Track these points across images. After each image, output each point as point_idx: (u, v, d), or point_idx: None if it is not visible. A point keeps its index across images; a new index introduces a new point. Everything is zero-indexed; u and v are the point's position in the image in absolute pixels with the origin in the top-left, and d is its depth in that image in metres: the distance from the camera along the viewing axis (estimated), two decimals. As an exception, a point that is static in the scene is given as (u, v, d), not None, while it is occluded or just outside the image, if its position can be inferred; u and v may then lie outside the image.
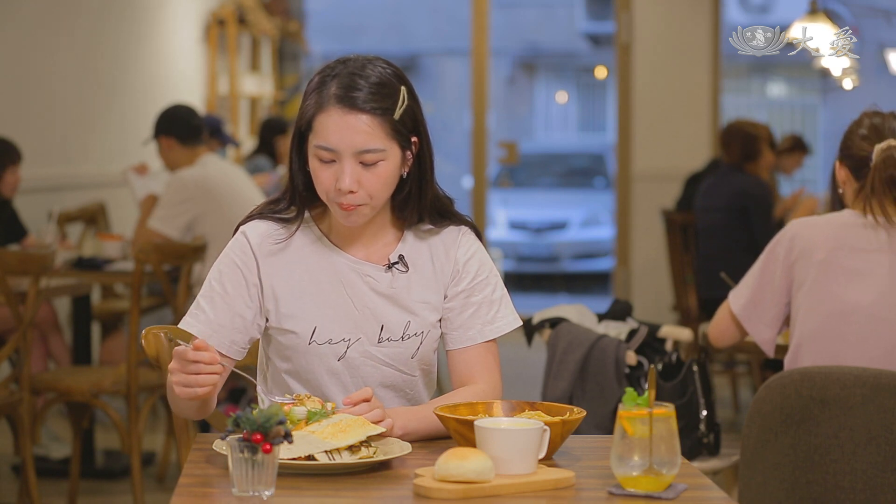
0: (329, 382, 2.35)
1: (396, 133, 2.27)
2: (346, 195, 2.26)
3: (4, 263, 4.10)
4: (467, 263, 2.40)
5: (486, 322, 2.39)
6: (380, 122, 2.25)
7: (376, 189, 2.27)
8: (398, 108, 2.27)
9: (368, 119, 2.25)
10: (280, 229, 2.36)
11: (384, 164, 2.27)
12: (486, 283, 2.41)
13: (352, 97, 2.24)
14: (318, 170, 2.28)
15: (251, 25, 9.22)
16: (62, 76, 6.74)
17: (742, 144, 6.09)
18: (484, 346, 2.38)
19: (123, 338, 6.03)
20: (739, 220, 5.95)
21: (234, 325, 2.33)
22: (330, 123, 2.25)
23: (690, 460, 3.06)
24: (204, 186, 5.32)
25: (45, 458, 5.22)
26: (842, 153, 3.03)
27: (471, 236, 2.43)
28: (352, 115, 2.24)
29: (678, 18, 8.88)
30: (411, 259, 2.36)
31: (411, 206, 2.36)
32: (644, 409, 1.90)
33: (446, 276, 2.39)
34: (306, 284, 2.35)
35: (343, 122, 2.24)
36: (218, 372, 2.10)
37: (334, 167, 2.26)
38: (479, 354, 2.38)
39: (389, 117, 2.26)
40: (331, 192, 2.27)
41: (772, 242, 3.06)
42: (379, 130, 2.25)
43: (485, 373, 2.38)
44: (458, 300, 2.38)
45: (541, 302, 8.11)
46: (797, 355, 2.95)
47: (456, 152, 16.03)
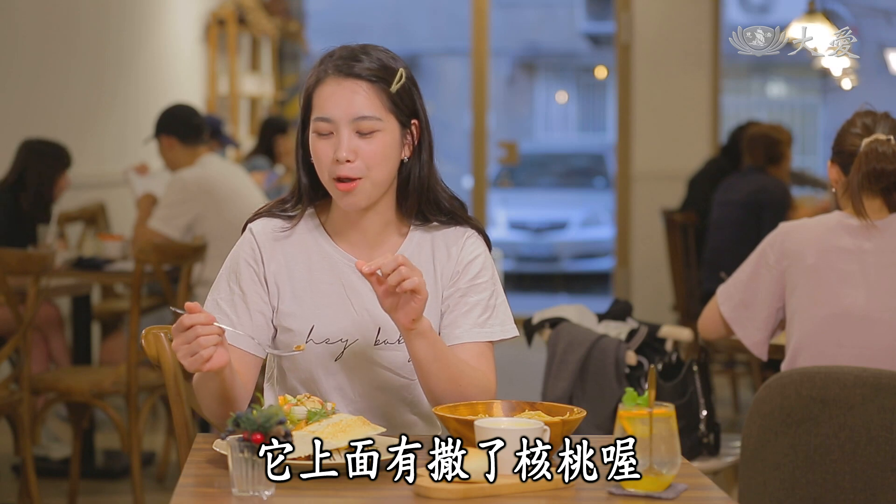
0: (325, 382, 2.34)
1: (394, 106, 2.28)
2: (343, 165, 2.24)
3: (4, 263, 4.10)
4: (469, 264, 2.37)
5: (476, 323, 2.34)
6: (377, 91, 2.27)
7: (374, 160, 2.26)
8: (395, 83, 2.28)
9: (366, 85, 2.26)
10: (285, 225, 2.37)
11: (381, 136, 2.27)
12: (484, 286, 2.37)
13: (350, 65, 2.27)
14: (317, 148, 2.28)
15: (251, 25, 9.22)
16: (62, 76, 6.74)
17: (766, 148, 6.24)
18: (474, 347, 2.33)
19: (123, 338, 6.02)
20: (753, 216, 6.04)
21: (256, 323, 2.33)
22: (327, 92, 2.27)
23: (690, 460, 3.06)
24: (204, 187, 5.32)
25: (45, 458, 5.22)
26: (833, 151, 3.02)
27: (477, 240, 2.40)
28: (349, 81, 2.26)
29: (678, 18, 8.88)
30: (414, 261, 2.32)
31: (412, 195, 2.35)
32: (644, 409, 1.90)
33: (446, 277, 2.37)
34: (307, 283, 2.34)
35: (339, 88, 2.26)
36: (217, 332, 2.07)
37: (332, 140, 2.26)
38: (468, 354, 2.32)
39: (386, 88, 2.27)
40: (329, 165, 2.26)
41: (762, 245, 3.05)
42: (375, 99, 2.26)
43: None
44: (454, 298, 2.35)
45: (541, 302, 8.11)
46: (795, 360, 2.94)
47: (456, 152, 16.03)
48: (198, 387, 2.25)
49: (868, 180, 2.91)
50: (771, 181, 6.19)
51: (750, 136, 6.39)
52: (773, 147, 6.24)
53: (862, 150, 2.91)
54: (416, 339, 2.20)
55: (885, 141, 2.90)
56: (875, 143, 2.91)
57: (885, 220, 2.94)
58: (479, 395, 2.28)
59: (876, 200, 2.94)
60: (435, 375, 2.24)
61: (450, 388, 2.25)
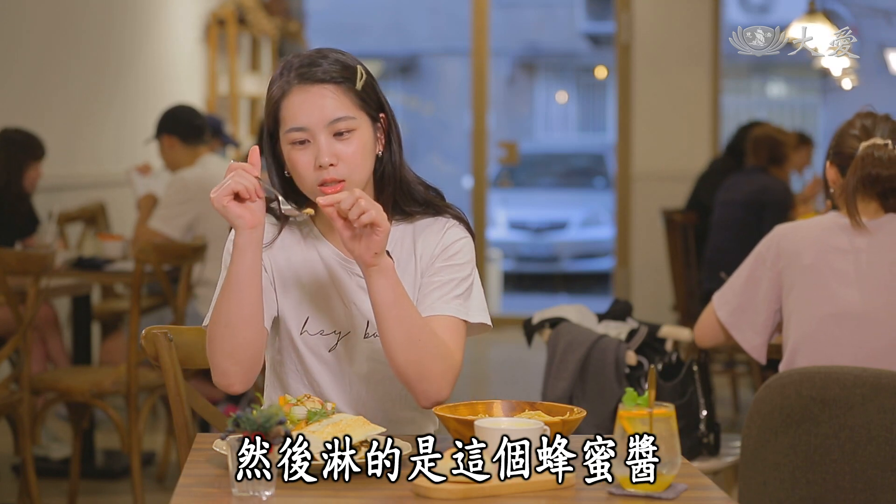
0: (319, 373, 2.36)
1: (363, 103, 2.29)
2: (327, 170, 2.25)
3: (4, 263, 4.10)
4: (446, 248, 2.35)
5: (445, 298, 2.31)
6: (344, 90, 2.27)
7: (355, 161, 2.26)
8: (359, 80, 2.29)
9: (333, 87, 2.27)
10: (274, 220, 2.38)
11: (357, 135, 2.27)
12: (458, 268, 2.34)
13: (312, 72, 2.28)
14: (296, 159, 2.27)
15: (251, 25, 9.23)
16: (62, 76, 6.74)
17: (770, 149, 6.29)
18: (444, 320, 2.29)
19: (123, 338, 6.03)
20: (755, 216, 6.06)
21: (266, 292, 2.31)
22: (295, 102, 2.27)
23: (690, 460, 3.06)
24: (205, 187, 5.32)
25: (45, 458, 5.22)
26: (833, 152, 3.02)
27: (458, 228, 2.38)
28: (315, 87, 2.27)
29: (678, 18, 8.88)
30: (396, 254, 2.33)
31: (388, 188, 2.35)
32: (644, 409, 1.90)
33: (425, 263, 2.36)
34: (301, 275, 2.36)
35: (308, 96, 2.27)
36: (255, 174, 2.16)
37: (310, 149, 2.26)
38: (438, 326, 2.27)
39: (352, 87, 2.28)
40: (312, 176, 2.26)
41: (758, 247, 3.05)
42: (345, 99, 2.27)
43: None
44: (427, 278, 2.34)
45: (541, 302, 8.12)
46: (793, 361, 2.94)
47: (456, 152, 16.03)
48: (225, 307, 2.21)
49: (863, 184, 2.92)
50: (773, 181, 6.21)
51: (755, 136, 6.41)
52: (777, 148, 6.28)
53: (858, 153, 2.92)
54: (377, 277, 2.19)
55: (882, 146, 2.90)
56: (872, 147, 2.91)
57: (879, 219, 2.94)
58: (439, 367, 2.23)
59: (872, 203, 2.95)
60: (393, 326, 2.20)
61: (407, 347, 2.21)
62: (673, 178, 8.48)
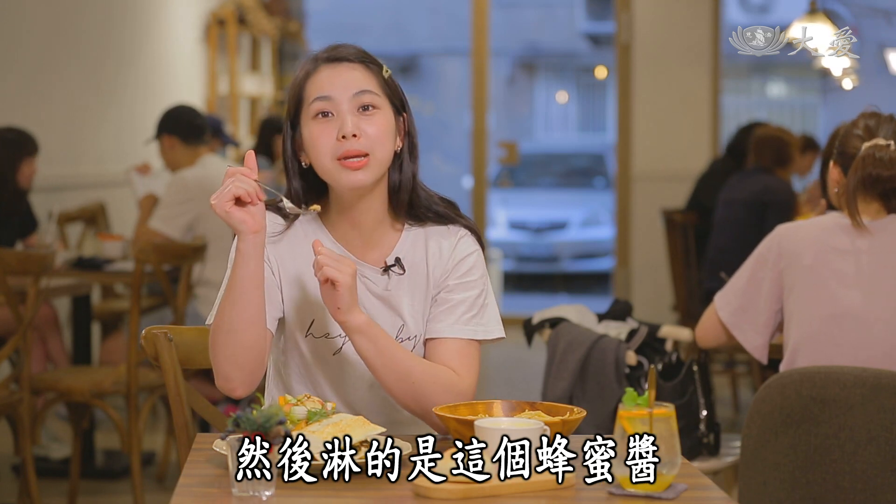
0: (323, 376, 2.35)
1: (388, 90, 2.31)
2: (349, 142, 2.24)
3: (4, 263, 4.10)
4: (460, 262, 2.36)
5: (460, 320, 2.32)
6: (371, 71, 2.30)
7: (377, 138, 2.27)
8: (385, 71, 2.33)
9: (361, 67, 2.30)
10: (285, 221, 2.37)
11: (381, 115, 2.28)
12: (472, 284, 2.35)
13: (339, 52, 2.31)
14: (317, 131, 2.27)
15: (251, 25, 9.23)
16: (62, 76, 6.74)
17: (775, 150, 6.27)
18: (455, 344, 2.31)
19: (123, 338, 6.03)
20: (756, 216, 6.05)
21: (271, 295, 2.31)
22: (323, 76, 2.29)
23: (690, 460, 3.06)
24: (205, 187, 5.33)
25: (46, 458, 5.23)
26: (836, 152, 3.02)
27: (470, 239, 2.38)
28: (343, 64, 2.30)
29: (678, 18, 8.88)
30: (408, 261, 2.33)
31: (403, 191, 2.34)
32: (644, 409, 1.90)
33: (437, 275, 2.36)
34: (307, 277, 2.34)
35: (335, 70, 2.29)
36: (254, 177, 2.16)
37: (333, 122, 2.27)
38: (449, 350, 2.30)
39: (378, 71, 2.31)
40: (332, 147, 2.26)
41: (759, 248, 3.04)
42: (371, 78, 2.30)
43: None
44: (441, 295, 2.34)
45: (541, 302, 8.11)
46: (793, 361, 2.94)
47: (456, 152, 16.03)
48: (230, 315, 2.21)
49: (864, 185, 2.91)
50: (775, 181, 6.20)
51: (758, 137, 6.40)
52: (782, 149, 6.27)
53: (860, 154, 2.91)
54: (354, 336, 2.22)
55: (884, 146, 2.90)
56: (874, 148, 2.90)
57: (880, 220, 2.94)
58: (441, 393, 2.25)
59: (873, 204, 2.94)
60: (381, 373, 2.24)
61: (401, 386, 2.25)
62: (673, 178, 8.48)
